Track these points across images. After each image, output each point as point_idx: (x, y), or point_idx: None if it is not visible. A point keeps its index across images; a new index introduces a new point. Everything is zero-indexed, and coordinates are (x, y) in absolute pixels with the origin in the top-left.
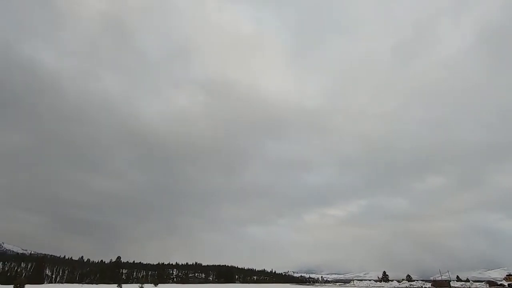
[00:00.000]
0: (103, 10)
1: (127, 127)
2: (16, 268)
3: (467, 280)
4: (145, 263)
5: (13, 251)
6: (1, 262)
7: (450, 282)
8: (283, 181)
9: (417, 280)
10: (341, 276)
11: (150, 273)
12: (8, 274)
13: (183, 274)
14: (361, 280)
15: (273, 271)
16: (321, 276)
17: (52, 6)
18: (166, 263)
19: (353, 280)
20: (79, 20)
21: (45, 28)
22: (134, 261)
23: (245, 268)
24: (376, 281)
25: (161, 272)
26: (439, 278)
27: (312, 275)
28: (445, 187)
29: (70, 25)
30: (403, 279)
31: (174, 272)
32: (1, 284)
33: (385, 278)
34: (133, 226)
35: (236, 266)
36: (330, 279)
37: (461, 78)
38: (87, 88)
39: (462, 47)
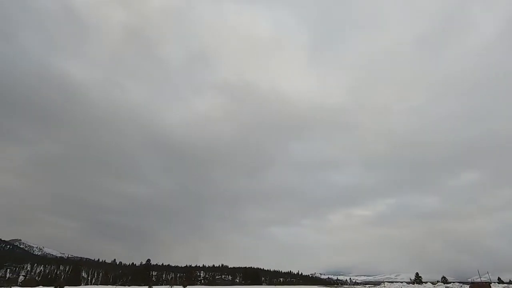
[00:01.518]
0: (125, 22)
1: (152, 134)
2: (55, 271)
3: (510, 282)
4: (173, 265)
5: (52, 254)
6: (43, 265)
7: (491, 284)
8: (307, 181)
9: (453, 282)
10: (371, 278)
11: (178, 275)
12: (49, 276)
13: (210, 276)
14: (392, 282)
15: (300, 273)
16: (350, 278)
17: (79, 21)
18: (193, 265)
19: (384, 282)
20: (103, 33)
21: (73, 42)
22: (163, 263)
23: (271, 270)
24: (408, 283)
25: (189, 274)
26: (478, 280)
27: (340, 277)
28: (481, 183)
29: (95, 38)
30: (438, 281)
31: (201, 274)
32: (43, 286)
33: (418, 280)
34: (161, 230)
35: (262, 268)
36: (359, 281)
37: (495, 66)
38: (113, 97)
39: (495, 32)
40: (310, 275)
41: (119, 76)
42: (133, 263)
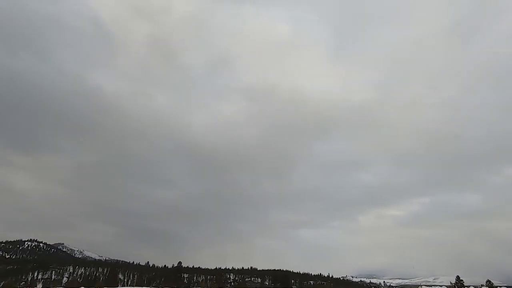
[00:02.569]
0: (149, 34)
1: (179, 140)
2: (95, 273)
3: None
4: (203, 267)
5: (92, 257)
6: (83, 268)
7: None
8: (334, 182)
9: (500, 286)
10: (407, 281)
11: (208, 277)
12: (89, 278)
13: (239, 279)
14: (431, 286)
15: (330, 276)
16: (384, 281)
17: (108, 36)
18: (222, 267)
19: (421, 285)
20: (130, 46)
21: (104, 56)
22: (193, 265)
23: (301, 272)
24: (448, 287)
25: (219, 276)
26: None
27: (373, 280)
28: None
29: (124, 51)
30: (482, 285)
31: (231, 277)
32: (84, 287)
33: (459, 283)
34: (190, 233)
35: (291, 271)
36: (394, 285)
37: None
38: (142, 107)
39: None
40: (341, 278)
41: (147, 86)
42: (165, 265)
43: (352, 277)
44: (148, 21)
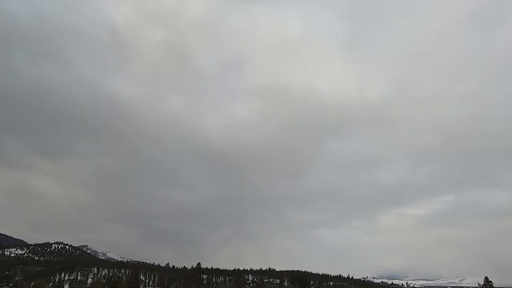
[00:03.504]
0: (162, 39)
1: (194, 142)
2: (117, 274)
3: None
4: (222, 268)
5: (114, 259)
6: (107, 269)
7: None
8: (351, 181)
9: None
10: (431, 282)
11: (227, 278)
12: (112, 279)
13: (258, 280)
14: (456, 287)
15: (350, 277)
16: (406, 283)
17: (123, 43)
18: (241, 268)
19: (447, 287)
20: (145, 51)
21: (120, 62)
22: (212, 267)
23: (320, 273)
24: None
25: (238, 277)
26: None
27: (395, 281)
28: None
29: (138, 56)
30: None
31: (249, 278)
32: None
33: (488, 285)
34: (208, 234)
35: (310, 272)
36: (417, 286)
37: None
38: (157, 110)
39: None
40: (362, 279)
41: (161, 90)
42: (184, 266)
43: (373, 278)
44: (161, 27)
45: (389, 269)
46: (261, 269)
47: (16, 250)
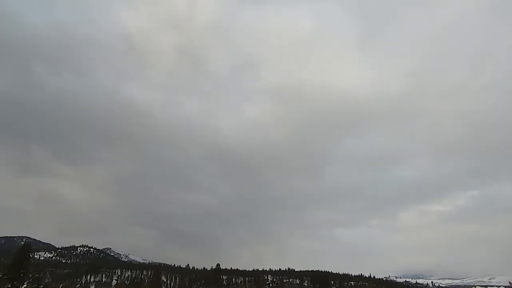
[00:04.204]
0: (175, 43)
1: (210, 144)
2: (140, 275)
3: None
4: (241, 269)
5: (136, 261)
6: (130, 271)
7: None
8: (370, 178)
9: None
10: (458, 281)
11: (247, 279)
12: (135, 280)
13: (277, 280)
14: (486, 286)
15: (372, 276)
16: (431, 282)
17: (137, 50)
18: (260, 269)
19: (475, 286)
20: (159, 57)
21: (135, 69)
22: (231, 267)
23: (340, 273)
24: (507, 287)
25: (257, 278)
26: None
27: (420, 281)
28: None
29: (153, 62)
30: None
31: (269, 278)
32: None
33: None
34: (226, 235)
35: (330, 271)
36: (443, 285)
37: None
38: (173, 114)
39: None
40: (385, 279)
41: (176, 94)
42: (204, 267)
43: (396, 277)
44: (174, 32)
45: (413, 268)
46: (280, 269)
47: (45, 253)
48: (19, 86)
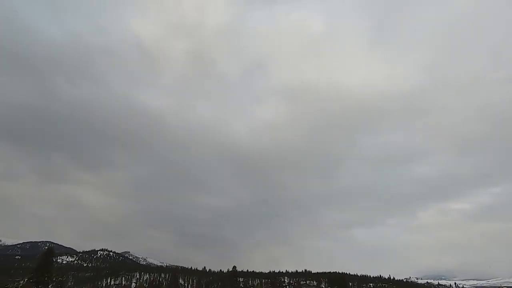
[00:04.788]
0: (186, 49)
1: (223, 147)
2: (158, 278)
3: None
4: (257, 271)
5: (154, 264)
6: (148, 274)
7: None
8: (386, 177)
9: None
10: (483, 282)
11: (263, 281)
12: (154, 283)
13: (294, 282)
14: None
15: (392, 277)
16: (455, 283)
17: (149, 56)
18: (276, 271)
19: (502, 287)
20: (170, 62)
21: (148, 75)
22: (247, 269)
23: (358, 274)
24: None
25: (274, 279)
26: None
27: (442, 282)
28: None
29: (164, 68)
30: None
31: (285, 280)
32: None
33: None
34: (242, 237)
35: (348, 273)
36: (467, 286)
37: None
38: (185, 118)
39: None
40: (405, 280)
41: (188, 98)
42: (220, 269)
43: (417, 278)
44: (184, 37)
45: (435, 268)
46: (296, 271)
47: (67, 257)
48: (39, 97)
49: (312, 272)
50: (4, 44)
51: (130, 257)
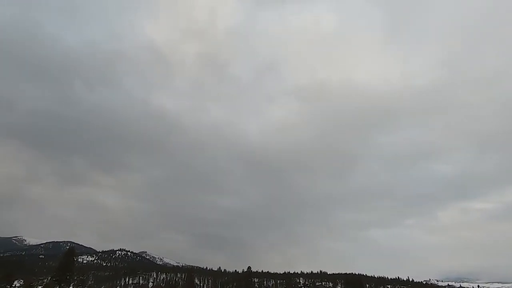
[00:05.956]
0: (198, 51)
1: (236, 148)
2: (174, 278)
3: None
4: (272, 272)
5: (170, 264)
6: (164, 273)
7: None
8: (403, 176)
9: None
10: (509, 285)
11: (278, 282)
12: (170, 283)
13: (310, 283)
14: None
15: (411, 279)
16: (478, 286)
17: (164, 60)
18: (291, 272)
19: None
20: (184, 65)
21: (163, 79)
22: (262, 270)
23: (375, 276)
24: None
25: (289, 280)
26: None
27: (464, 284)
28: None
29: (179, 71)
30: None
31: (300, 281)
32: None
33: None
34: (256, 238)
35: (364, 274)
36: None
37: None
38: (199, 120)
39: None
40: (424, 282)
41: (202, 101)
42: (235, 270)
43: (437, 281)
44: (196, 40)
45: (456, 270)
46: (312, 272)
47: (87, 257)
48: (59, 104)
49: (328, 273)
50: (26, 53)
51: (147, 257)
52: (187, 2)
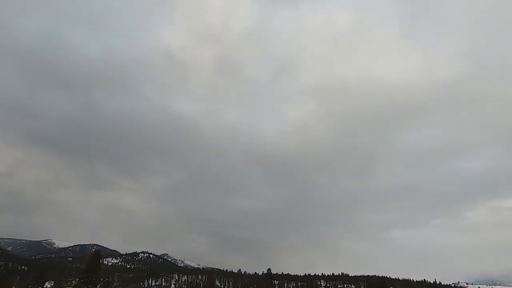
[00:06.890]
0: (213, 54)
1: (254, 149)
2: (195, 280)
3: None
4: (292, 274)
5: (191, 266)
6: (186, 275)
7: None
8: (428, 174)
9: None
10: None
11: (299, 284)
12: (192, 285)
13: (331, 285)
14: None
15: (438, 282)
16: None
17: (179, 65)
18: (312, 274)
19: None
20: (199, 69)
21: (179, 83)
22: (282, 272)
23: (400, 278)
24: None
25: (309, 282)
26: None
27: (496, 287)
28: None
29: (194, 75)
30: None
31: (321, 283)
32: None
33: None
34: (276, 239)
35: (388, 276)
36: None
37: None
38: (216, 123)
39: None
40: (453, 285)
41: (219, 104)
42: (255, 272)
43: (467, 283)
44: (211, 44)
45: (487, 272)
46: (333, 274)
47: (112, 259)
48: (82, 111)
49: (350, 275)
50: (49, 63)
51: (169, 259)
52: (201, 6)
